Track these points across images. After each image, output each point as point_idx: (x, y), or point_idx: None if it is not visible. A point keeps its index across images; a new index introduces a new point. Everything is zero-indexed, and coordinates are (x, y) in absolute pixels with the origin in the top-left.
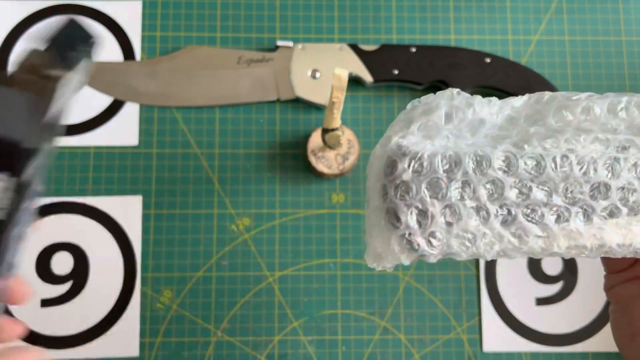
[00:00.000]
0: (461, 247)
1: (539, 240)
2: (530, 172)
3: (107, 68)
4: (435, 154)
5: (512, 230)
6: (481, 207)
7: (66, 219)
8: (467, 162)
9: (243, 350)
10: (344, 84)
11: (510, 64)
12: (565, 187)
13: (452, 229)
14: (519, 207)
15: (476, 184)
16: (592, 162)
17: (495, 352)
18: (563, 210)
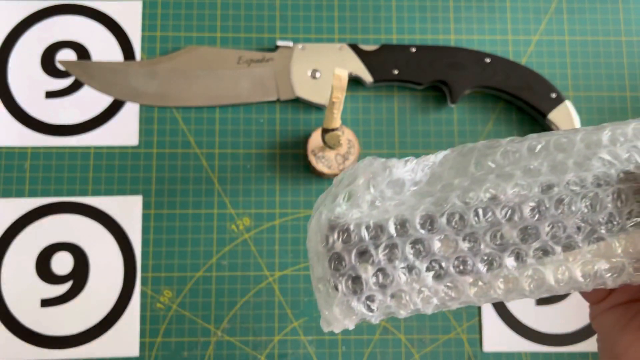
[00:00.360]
0: (399, 306)
1: (474, 289)
2: (454, 226)
3: (107, 68)
4: (360, 223)
5: (445, 283)
6: (411, 266)
7: (66, 219)
8: (390, 227)
9: (243, 350)
10: (344, 84)
11: (510, 64)
12: (493, 235)
13: (387, 291)
14: (448, 260)
15: (402, 246)
16: (517, 207)
17: (495, 352)
18: (495, 257)
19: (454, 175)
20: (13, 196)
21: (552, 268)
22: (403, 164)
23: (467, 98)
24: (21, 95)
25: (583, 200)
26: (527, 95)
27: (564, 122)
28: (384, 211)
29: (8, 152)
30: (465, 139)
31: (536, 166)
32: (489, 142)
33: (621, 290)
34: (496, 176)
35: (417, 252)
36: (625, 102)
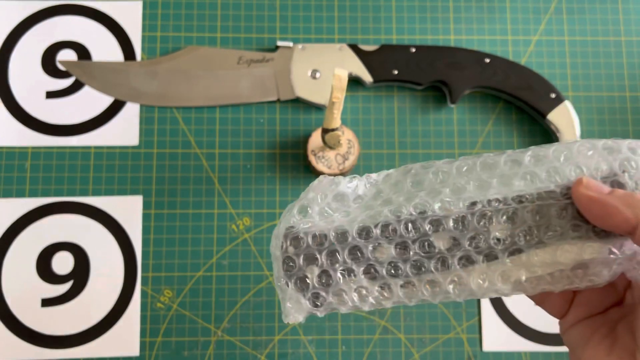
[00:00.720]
0: (340, 303)
1: (404, 290)
2: (386, 236)
3: (108, 68)
4: (308, 232)
5: (379, 284)
6: (349, 269)
7: (67, 218)
8: (332, 235)
9: (243, 349)
10: (344, 84)
11: (510, 64)
12: (422, 244)
13: (329, 289)
14: (382, 264)
15: (341, 252)
16: (443, 220)
17: (494, 351)
18: (422, 263)
19: (394, 191)
20: (14, 196)
21: (474, 275)
22: (348, 181)
23: (467, 98)
24: (22, 96)
25: (504, 215)
26: (527, 95)
27: (563, 122)
28: (331, 222)
29: (9, 152)
30: (465, 139)
31: (463, 184)
32: (425, 163)
33: (580, 306)
34: (427, 193)
35: (355, 257)
36: (624, 102)
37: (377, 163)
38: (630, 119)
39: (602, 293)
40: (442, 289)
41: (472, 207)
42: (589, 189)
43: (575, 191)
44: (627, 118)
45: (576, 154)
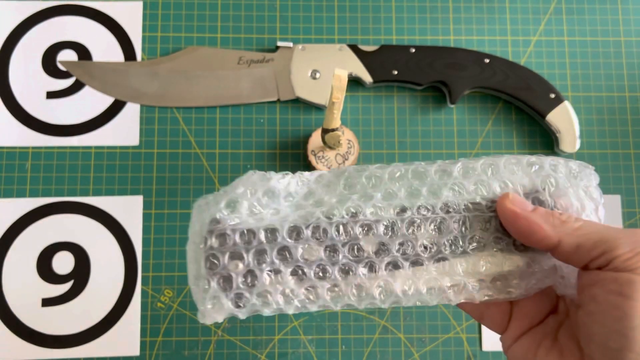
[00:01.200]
0: (264, 305)
1: (330, 294)
2: (317, 237)
3: (108, 68)
4: (236, 229)
5: (306, 287)
6: (277, 269)
7: (67, 218)
8: (261, 234)
9: (243, 349)
10: (343, 84)
11: (510, 64)
12: (351, 247)
13: (254, 290)
14: (310, 267)
15: (270, 251)
16: (373, 225)
17: (494, 351)
18: (351, 267)
19: (326, 192)
20: (14, 196)
21: (400, 281)
22: (280, 177)
23: (467, 98)
24: (22, 96)
25: (431, 224)
26: (526, 95)
27: (562, 122)
28: (260, 219)
29: (9, 152)
30: (465, 139)
31: (394, 190)
32: (359, 166)
33: (519, 319)
34: (359, 197)
35: (283, 257)
36: (624, 102)
37: (377, 163)
38: (629, 119)
39: (538, 302)
40: (368, 293)
41: (402, 213)
42: (514, 204)
43: (500, 205)
44: (627, 118)
45: (502, 168)
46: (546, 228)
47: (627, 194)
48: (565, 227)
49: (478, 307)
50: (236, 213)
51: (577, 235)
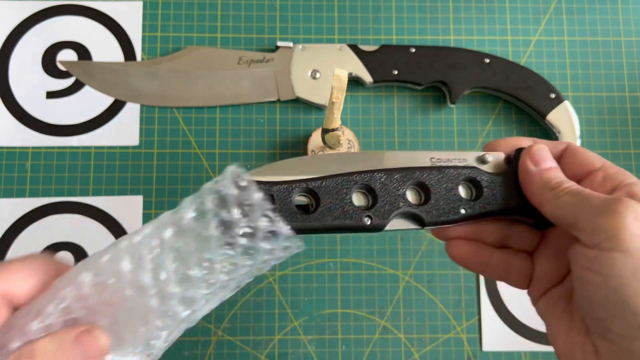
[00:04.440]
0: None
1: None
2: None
3: (108, 68)
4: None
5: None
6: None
7: (67, 218)
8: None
9: (243, 349)
10: (343, 84)
11: (510, 64)
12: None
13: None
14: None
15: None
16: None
17: (494, 351)
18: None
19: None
20: (14, 196)
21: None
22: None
23: (467, 98)
24: (22, 96)
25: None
26: (527, 95)
27: (563, 122)
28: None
29: (9, 152)
30: (465, 139)
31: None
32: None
33: (540, 276)
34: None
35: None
36: (624, 102)
37: None
38: (629, 119)
39: (556, 262)
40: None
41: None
42: (530, 157)
43: (522, 156)
44: (627, 118)
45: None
46: (535, 188)
47: None
48: (549, 194)
49: (499, 271)
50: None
51: (554, 204)
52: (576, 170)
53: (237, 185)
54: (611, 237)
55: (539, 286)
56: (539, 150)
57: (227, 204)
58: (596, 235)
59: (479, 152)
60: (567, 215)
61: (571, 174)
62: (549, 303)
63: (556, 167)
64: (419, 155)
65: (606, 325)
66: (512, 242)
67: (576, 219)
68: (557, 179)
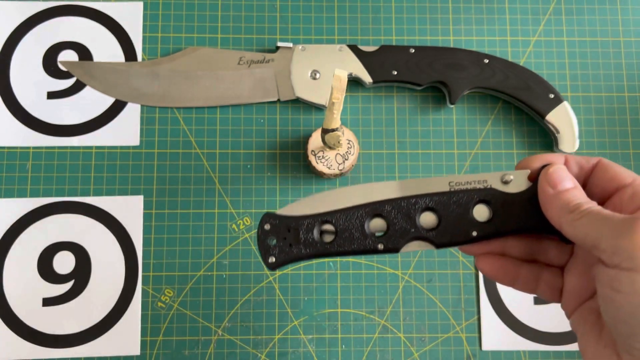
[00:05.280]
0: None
1: None
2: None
3: (109, 69)
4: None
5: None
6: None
7: (68, 218)
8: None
9: (244, 348)
10: (343, 84)
11: (509, 64)
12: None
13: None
14: None
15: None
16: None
17: (494, 350)
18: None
19: None
20: (15, 196)
21: None
22: None
23: (466, 98)
24: (23, 96)
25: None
26: (526, 95)
27: (562, 123)
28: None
29: (10, 152)
30: (465, 139)
31: None
32: None
33: (571, 291)
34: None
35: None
36: (623, 102)
37: (377, 163)
38: (628, 119)
39: (585, 278)
40: None
41: None
42: (549, 179)
43: (541, 175)
44: (626, 118)
45: None
46: (554, 211)
47: None
48: (568, 217)
49: (529, 284)
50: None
51: (574, 226)
52: (606, 185)
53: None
54: (630, 258)
55: (571, 300)
56: (556, 172)
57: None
58: (616, 255)
59: (501, 172)
60: (587, 237)
61: (601, 189)
62: (581, 317)
63: (574, 187)
64: (436, 181)
65: (630, 342)
66: (540, 256)
67: (596, 240)
68: (575, 200)
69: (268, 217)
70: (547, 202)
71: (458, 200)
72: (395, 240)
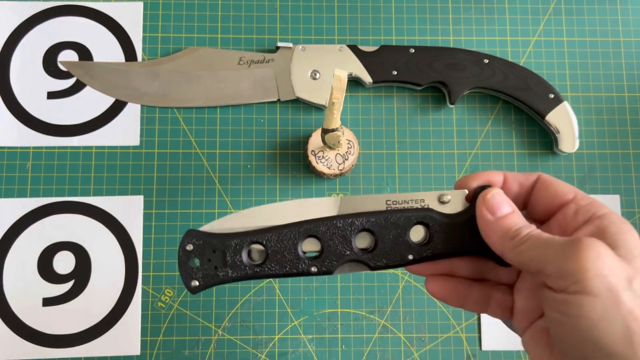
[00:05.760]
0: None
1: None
2: None
3: (109, 69)
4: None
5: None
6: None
7: (68, 218)
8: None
9: (244, 348)
10: (343, 84)
11: (509, 64)
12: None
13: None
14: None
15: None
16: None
17: (494, 350)
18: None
19: None
20: (15, 196)
21: None
22: None
23: (466, 98)
24: (23, 96)
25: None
26: (526, 95)
27: (562, 123)
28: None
29: (10, 152)
30: (465, 139)
31: None
32: None
33: (522, 308)
34: None
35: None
36: (623, 102)
37: (376, 163)
38: (628, 119)
39: (533, 297)
40: None
41: None
42: (487, 205)
43: (478, 201)
44: (626, 118)
45: None
46: (495, 238)
47: (626, 194)
48: (510, 244)
49: (479, 304)
50: None
51: (516, 253)
52: (549, 203)
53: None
54: (576, 281)
55: (521, 319)
56: (493, 198)
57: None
58: (562, 280)
59: (438, 192)
60: (532, 263)
61: (544, 207)
62: (532, 337)
63: (513, 212)
64: (373, 199)
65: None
66: (490, 275)
67: (541, 266)
68: (515, 225)
69: (191, 236)
70: (487, 229)
71: (395, 222)
72: (329, 263)
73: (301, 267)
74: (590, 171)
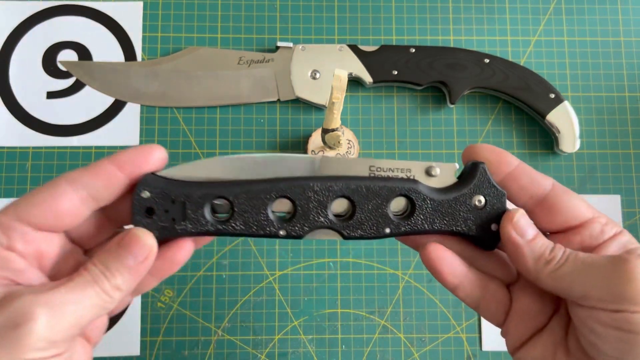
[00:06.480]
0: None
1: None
2: None
3: (108, 68)
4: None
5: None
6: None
7: None
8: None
9: (244, 349)
10: (343, 84)
11: (509, 64)
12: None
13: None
14: None
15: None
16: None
17: (494, 350)
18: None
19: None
20: (15, 196)
21: None
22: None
23: (466, 98)
24: (23, 96)
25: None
26: (526, 95)
27: (562, 122)
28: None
29: (10, 152)
30: (465, 139)
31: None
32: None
33: (520, 314)
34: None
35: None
36: (623, 102)
37: None
38: (629, 119)
39: (536, 298)
40: None
41: None
42: (515, 228)
43: (502, 223)
44: (626, 118)
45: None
46: (529, 263)
47: (626, 194)
48: (546, 269)
49: (474, 291)
50: None
51: (554, 278)
52: (562, 221)
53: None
54: (633, 303)
55: (520, 325)
56: (521, 219)
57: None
58: (617, 303)
59: (427, 163)
60: (573, 287)
61: (555, 226)
62: (544, 353)
63: (538, 233)
64: (356, 162)
65: None
66: (478, 263)
67: (584, 289)
68: (547, 248)
69: (148, 182)
70: (518, 254)
71: (377, 191)
72: (300, 229)
73: (269, 230)
74: (591, 171)
